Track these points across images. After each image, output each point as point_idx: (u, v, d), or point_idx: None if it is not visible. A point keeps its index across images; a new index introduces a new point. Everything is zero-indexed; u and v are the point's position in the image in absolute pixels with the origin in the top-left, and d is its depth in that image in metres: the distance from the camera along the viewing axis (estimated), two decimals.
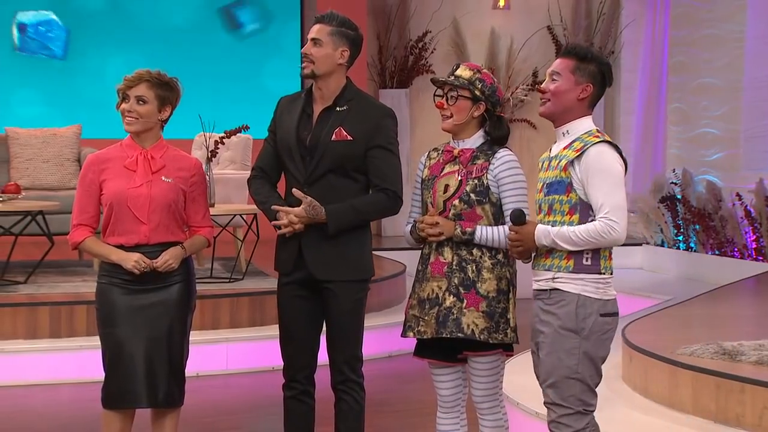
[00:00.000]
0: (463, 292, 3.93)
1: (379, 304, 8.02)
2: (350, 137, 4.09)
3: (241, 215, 8.04)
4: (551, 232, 3.63)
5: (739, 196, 10.08)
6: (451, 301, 3.93)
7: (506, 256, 3.97)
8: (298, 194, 4.07)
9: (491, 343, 3.93)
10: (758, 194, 9.89)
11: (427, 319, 3.99)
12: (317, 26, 4.16)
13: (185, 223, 4.19)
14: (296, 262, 4.16)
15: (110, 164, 4.11)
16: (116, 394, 4.06)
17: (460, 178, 3.97)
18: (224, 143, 7.98)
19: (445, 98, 4.00)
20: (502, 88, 6.12)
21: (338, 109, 4.14)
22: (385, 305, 8.23)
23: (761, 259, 9.87)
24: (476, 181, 3.95)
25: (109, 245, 4.09)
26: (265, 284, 7.80)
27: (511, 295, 3.99)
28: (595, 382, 3.67)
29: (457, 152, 4.01)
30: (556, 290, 3.65)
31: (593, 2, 12.63)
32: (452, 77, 4.01)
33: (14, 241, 7.68)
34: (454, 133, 4.03)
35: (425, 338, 4.01)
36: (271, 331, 6.62)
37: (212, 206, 7.27)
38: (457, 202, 3.97)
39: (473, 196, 3.95)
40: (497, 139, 4.02)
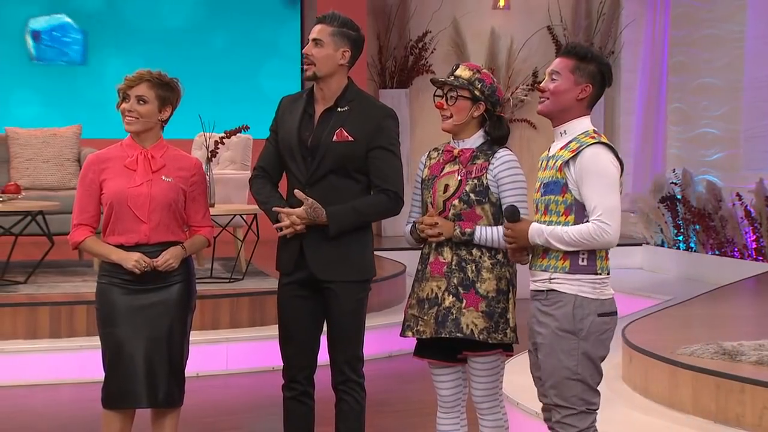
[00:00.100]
0: (462, 292, 3.93)
1: (379, 304, 8.01)
2: (351, 138, 4.09)
3: (241, 215, 8.04)
4: (545, 231, 3.62)
5: (739, 196, 10.08)
6: (450, 301, 3.93)
7: (506, 256, 3.96)
8: (299, 195, 4.06)
9: (490, 343, 3.93)
10: (758, 194, 9.88)
11: (426, 318, 3.98)
12: (319, 27, 4.16)
13: (185, 222, 4.19)
14: (297, 262, 4.15)
15: (110, 164, 4.11)
16: (116, 394, 4.06)
17: (459, 178, 3.97)
18: (224, 143, 7.98)
19: (444, 98, 4.00)
20: (502, 88, 6.12)
21: (339, 109, 4.13)
22: (385, 305, 8.23)
23: (761, 259, 9.86)
24: (476, 181, 3.95)
25: (109, 245, 4.09)
26: (265, 284, 7.80)
27: (510, 295, 3.98)
28: (596, 381, 3.67)
29: (457, 152, 4.01)
30: (553, 291, 3.65)
31: (593, 2, 12.63)
32: (452, 77, 4.01)
33: (14, 241, 7.68)
34: (454, 133, 4.03)
35: (424, 338, 4.01)
36: (271, 331, 6.61)
37: (212, 206, 7.26)
38: (456, 201, 3.96)
39: (473, 196, 3.95)
40: (497, 139, 4.01)
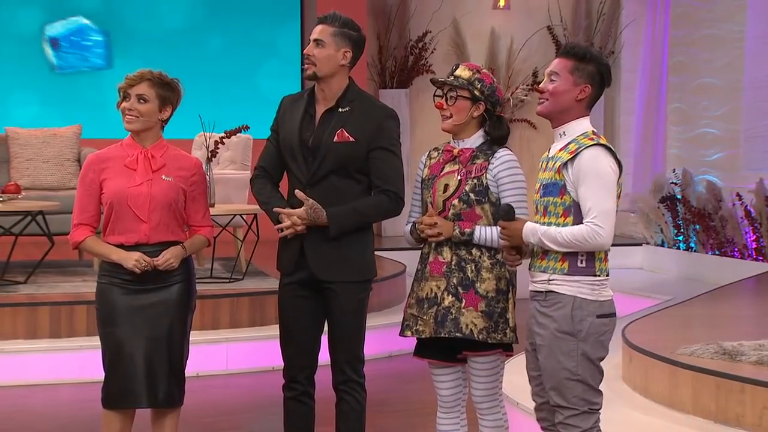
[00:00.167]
0: (461, 291, 3.93)
1: (379, 304, 8.01)
2: (352, 138, 4.08)
3: (241, 215, 8.04)
4: (539, 230, 3.61)
5: (739, 196, 10.08)
6: (449, 300, 3.93)
7: None
8: (300, 196, 4.06)
9: (490, 342, 3.93)
10: (758, 194, 9.88)
11: (425, 318, 3.98)
12: (320, 27, 4.15)
13: (185, 222, 4.19)
14: (298, 262, 4.15)
15: (110, 163, 4.11)
16: (116, 394, 4.06)
17: (459, 177, 3.97)
18: (224, 143, 7.98)
19: (444, 98, 4.00)
20: (501, 88, 6.11)
21: (340, 110, 4.13)
22: (385, 305, 8.23)
23: (761, 259, 9.86)
24: (475, 180, 3.95)
25: (109, 245, 4.09)
26: (265, 284, 7.80)
27: (510, 295, 3.98)
28: (597, 381, 3.66)
29: (456, 152, 4.01)
30: (551, 292, 3.64)
31: (593, 2, 12.63)
32: (451, 77, 4.01)
33: (14, 241, 7.68)
34: (453, 133, 4.03)
35: (424, 338, 4.01)
36: (271, 331, 6.62)
37: (212, 206, 7.26)
38: (456, 201, 3.96)
39: (472, 195, 3.95)
40: (497, 139, 4.01)
